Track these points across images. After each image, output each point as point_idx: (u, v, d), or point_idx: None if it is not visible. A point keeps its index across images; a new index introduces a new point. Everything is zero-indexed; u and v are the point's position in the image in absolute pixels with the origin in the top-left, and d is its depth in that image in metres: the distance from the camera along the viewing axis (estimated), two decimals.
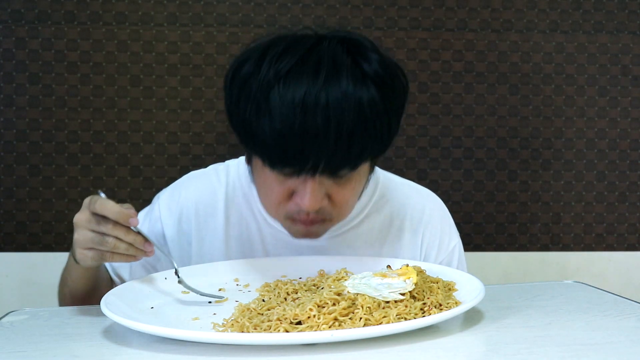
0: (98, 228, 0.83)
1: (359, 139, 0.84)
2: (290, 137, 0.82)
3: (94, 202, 0.83)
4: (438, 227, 1.09)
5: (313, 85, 0.82)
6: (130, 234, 0.84)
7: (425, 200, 1.11)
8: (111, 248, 0.84)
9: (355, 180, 0.91)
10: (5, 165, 1.50)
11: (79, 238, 0.85)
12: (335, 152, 0.83)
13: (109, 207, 0.82)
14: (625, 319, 0.83)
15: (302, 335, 0.72)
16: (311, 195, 0.86)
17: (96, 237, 0.84)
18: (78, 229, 0.85)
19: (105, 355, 0.73)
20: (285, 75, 0.83)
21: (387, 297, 0.78)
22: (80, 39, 1.50)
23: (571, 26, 1.60)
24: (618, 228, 1.63)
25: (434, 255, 1.08)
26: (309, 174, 0.86)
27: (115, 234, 0.83)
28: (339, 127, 0.82)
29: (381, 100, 0.85)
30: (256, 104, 0.85)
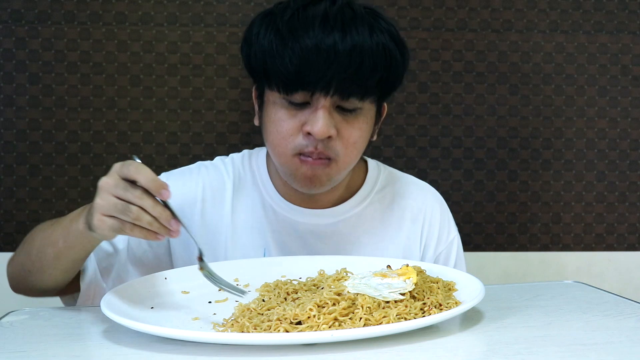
0: (124, 195, 0.78)
1: (369, 65, 0.93)
2: (308, 55, 0.90)
3: (126, 166, 0.78)
4: (437, 219, 1.14)
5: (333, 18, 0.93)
6: (157, 206, 0.78)
7: (425, 194, 1.16)
8: (133, 219, 0.78)
9: (361, 121, 0.98)
10: (5, 165, 1.50)
11: (100, 202, 0.79)
12: (346, 72, 0.91)
13: (143, 171, 0.77)
14: (625, 319, 0.83)
15: (302, 335, 0.72)
16: (322, 121, 0.93)
17: (120, 204, 0.78)
18: (102, 192, 0.79)
19: (105, 355, 0.73)
20: (306, 7, 0.95)
21: (387, 297, 0.78)
22: (80, 39, 1.50)
23: (571, 26, 1.60)
24: (618, 228, 1.63)
25: (434, 245, 1.13)
26: (322, 94, 0.93)
27: (142, 204, 0.78)
28: (352, 50, 0.91)
29: (393, 48, 0.96)
30: (279, 34, 0.94)
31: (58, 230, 0.90)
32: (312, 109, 0.95)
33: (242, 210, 1.09)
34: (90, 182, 1.51)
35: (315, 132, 0.94)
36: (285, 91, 0.95)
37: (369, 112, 1.00)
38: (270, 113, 0.99)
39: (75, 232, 0.87)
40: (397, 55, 0.98)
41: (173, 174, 1.13)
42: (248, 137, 1.54)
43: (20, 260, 0.97)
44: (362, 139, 1.00)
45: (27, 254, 0.95)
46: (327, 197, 1.09)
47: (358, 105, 0.97)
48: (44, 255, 0.91)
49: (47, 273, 0.93)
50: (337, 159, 0.98)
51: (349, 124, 0.97)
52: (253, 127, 1.54)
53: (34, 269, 0.94)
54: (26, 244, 0.97)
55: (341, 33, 0.92)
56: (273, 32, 0.95)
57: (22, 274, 0.97)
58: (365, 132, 1.00)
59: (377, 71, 0.95)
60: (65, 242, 0.89)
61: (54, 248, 0.90)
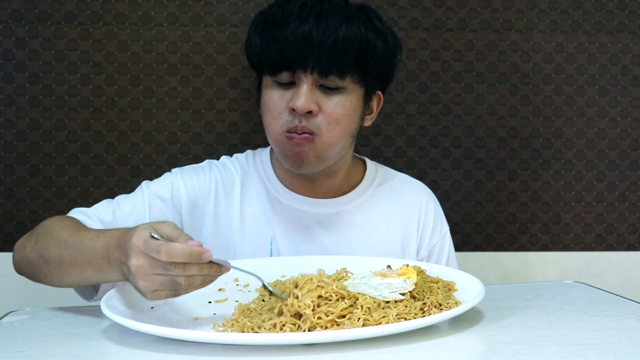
0: (166, 273, 0.76)
1: (342, 45, 1.02)
2: (287, 40, 1.02)
3: (153, 249, 0.76)
4: (432, 213, 1.24)
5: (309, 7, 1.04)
6: (204, 267, 0.78)
7: (420, 190, 1.26)
8: (187, 289, 0.78)
9: (344, 99, 1.07)
10: (5, 165, 1.50)
11: (146, 285, 0.77)
12: (320, 50, 1.01)
13: (177, 252, 0.75)
14: (626, 319, 0.83)
15: (302, 335, 0.72)
16: (304, 96, 1.03)
17: (166, 282, 0.77)
18: (142, 276, 0.77)
19: (105, 355, 0.73)
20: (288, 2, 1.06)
21: (387, 297, 0.78)
22: (80, 39, 1.50)
23: (571, 26, 1.60)
24: (618, 228, 1.63)
25: (429, 236, 1.22)
26: (301, 72, 1.03)
27: (189, 273, 0.77)
28: (325, 32, 1.02)
29: (372, 37, 1.06)
30: (265, 26, 1.06)
31: (82, 260, 0.88)
32: (296, 87, 1.05)
33: (249, 203, 1.17)
34: (90, 182, 1.51)
35: (296, 106, 1.03)
36: (272, 73, 1.06)
37: (354, 93, 1.08)
38: (264, 96, 1.10)
39: (107, 270, 0.85)
40: (376, 43, 1.07)
41: (186, 170, 1.19)
42: (248, 137, 1.54)
43: (33, 260, 0.96)
44: (346, 117, 1.08)
45: (44, 261, 0.94)
46: (327, 187, 1.17)
47: (340, 84, 1.05)
48: (67, 272, 0.91)
49: (67, 283, 0.94)
50: (321, 134, 1.06)
51: (330, 101, 1.06)
52: (253, 127, 1.54)
53: (52, 276, 0.94)
54: (40, 246, 0.95)
55: (315, 20, 1.02)
56: (261, 26, 1.08)
57: (35, 272, 0.97)
58: (350, 110, 1.08)
59: (352, 51, 1.04)
60: (96, 275, 0.88)
61: (81, 274, 0.89)
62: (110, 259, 0.84)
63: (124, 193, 1.32)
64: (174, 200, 1.13)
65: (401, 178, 1.27)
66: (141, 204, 1.11)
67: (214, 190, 1.16)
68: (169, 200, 1.13)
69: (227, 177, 1.19)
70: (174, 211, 1.13)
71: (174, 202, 1.13)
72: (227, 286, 0.96)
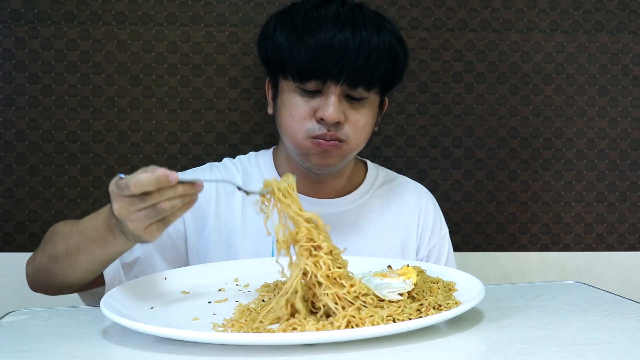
0: (145, 205, 0.79)
1: (376, 59, 1.04)
2: (321, 49, 1.01)
3: (124, 187, 0.79)
4: (431, 214, 1.26)
5: (343, 17, 1.04)
6: (177, 188, 0.80)
7: (420, 192, 1.28)
8: (170, 210, 0.80)
9: (367, 109, 1.09)
10: (4, 165, 1.50)
11: (134, 225, 0.80)
12: (355, 63, 1.02)
13: (144, 181, 0.78)
14: (626, 319, 0.83)
15: (302, 335, 0.72)
16: (333, 107, 1.04)
17: (150, 212, 0.80)
18: (126, 219, 0.80)
19: (105, 355, 0.73)
20: (319, 7, 1.05)
21: (386, 297, 0.78)
22: (80, 39, 1.50)
23: (571, 26, 1.60)
24: (618, 228, 1.63)
25: (427, 238, 1.24)
26: (332, 83, 1.04)
27: (166, 197, 0.79)
28: (361, 45, 1.02)
29: (397, 46, 1.08)
30: (295, 30, 1.05)
31: (87, 241, 0.91)
32: (323, 97, 1.06)
33: (250, 204, 1.17)
34: (90, 182, 1.51)
35: (326, 117, 1.04)
36: (300, 80, 1.05)
37: (374, 102, 1.12)
38: (285, 99, 1.09)
39: (113, 241, 0.88)
40: (400, 53, 1.10)
41: (186, 174, 1.20)
42: (248, 137, 1.54)
43: (44, 264, 0.98)
44: (369, 125, 1.11)
45: (54, 260, 0.96)
46: (331, 187, 1.20)
47: (365, 95, 1.08)
48: (76, 261, 0.93)
49: (79, 275, 0.95)
50: (348, 141, 1.08)
51: (356, 111, 1.08)
52: (253, 127, 1.54)
53: (63, 273, 0.95)
54: (48, 248, 0.98)
55: (351, 31, 1.03)
56: (289, 29, 1.06)
57: (47, 276, 0.98)
58: (371, 119, 1.11)
59: (383, 64, 1.06)
60: (103, 250, 0.90)
61: (89, 256, 0.91)
62: (111, 227, 0.87)
63: None
64: None
65: (401, 180, 1.29)
66: None
67: (215, 191, 1.17)
68: None
69: (228, 177, 1.20)
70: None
71: None
72: (227, 286, 0.96)
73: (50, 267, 0.97)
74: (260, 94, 1.53)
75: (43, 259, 0.98)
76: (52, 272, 0.97)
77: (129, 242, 0.87)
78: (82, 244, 0.91)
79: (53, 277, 0.97)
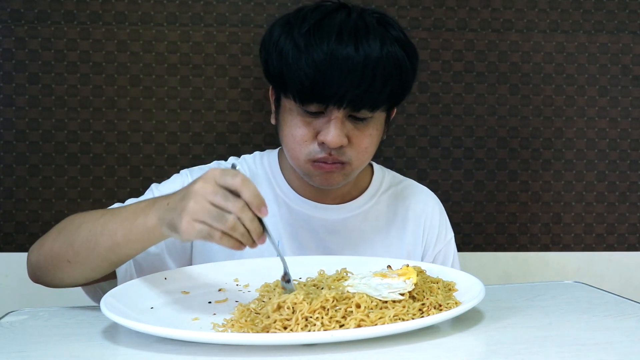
0: (224, 204, 0.77)
1: (381, 79, 0.98)
2: (323, 67, 0.96)
3: (230, 176, 0.78)
4: (437, 220, 1.23)
5: (347, 31, 0.98)
6: (255, 221, 0.78)
7: (426, 196, 1.25)
8: (229, 228, 0.77)
9: (372, 127, 1.05)
10: (4, 165, 1.50)
11: (195, 207, 0.77)
12: (359, 87, 0.97)
13: (249, 185, 0.77)
14: (626, 319, 0.83)
15: (302, 335, 0.72)
16: (335, 132, 0.99)
17: (215, 212, 0.77)
18: (197, 197, 0.77)
19: (105, 355, 0.73)
20: (322, 19, 0.99)
21: (386, 297, 0.78)
22: (80, 39, 1.50)
23: (571, 26, 1.60)
24: (618, 228, 1.63)
25: (434, 243, 1.22)
26: (335, 107, 0.99)
27: (241, 216, 0.77)
28: (365, 64, 0.96)
29: (403, 58, 1.02)
30: (296, 45, 0.98)
31: (116, 223, 0.88)
32: (325, 119, 1.01)
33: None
34: (90, 182, 1.51)
35: (328, 141, 1.00)
36: (300, 101, 1.00)
37: (379, 119, 1.07)
38: (287, 118, 1.05)
39: (142, 228, 0.85)
40: (406, 64, 1.03)
41: (194, 170, 1.17)
42: (248, 137, 1.54)
43: (55, 250, 0.94)
44: (373, 144, 1.07)
45: (69, 244, 0.92)
46: (336, 193, 1.17)
47: (369, 115, 1.03)
48: (94, 246, 0.89)
49: (93, 264, 0.92)
50: (351, 163, 1.05)
51: (360, 132, 1.04)
52: (253, 127, 1.54)
53: (77, 259, 0.92)
54: (65, 233, 0.94)
55: (354, 46, 0.97)
56: (290, 43, 1.00)
57: (56, 263, 0.94)
58: (376, 137, 1.07)
59: (388, 85, 1.00)
60: (126, 236, 0.87)
61: (110, 240, 0.88)
62: (152, 205, 0.84)
63: (123, 193, 1.32)
64: None
65: (407, 183, 1.26)
66: None
67: None
68: None
69: None
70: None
71: None
72: (227, 286, 0.96)
73: (63, 253, 0.93)
74: (261, 94, 1.53)
75: (54, 245, 0.94)
76: (62, 259, 0.93)
77: (156, 227, 0.83)
78: (109, 225, 0.88)
79: (62, 265, 0.93)
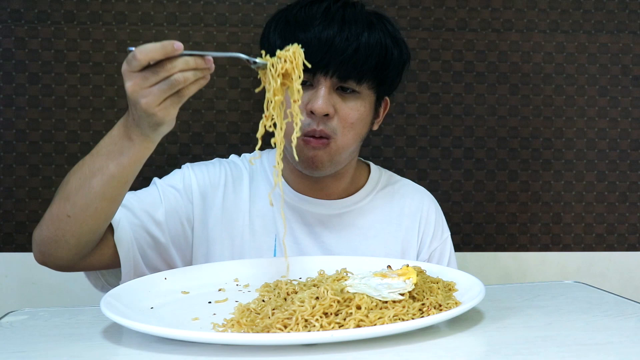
0: (158, 77, 0.80)
1: (364, 52, 1.05)
2: (309, 45, 0.99)
3: (133, 59, 0.79)
4: (433, 218, 1.25)
5: (333, 12, 1.06)
6: (188, 60, 0.81)
7: (422, 195, 1.28)
8: (183, 82, 0.80)
9: (359, 104, 1.09)
10: (4, 165, 1.50)
11: (147, 102, 0.80)
12: (343, 56, 1.03)
13: (149, 47, 0.79)
14: (626, 320, 0.83)
15: (302, 335, 0.72)
16: (322, 99, 1.05)
17: (163, 85, 0.80)
18: (139, 97, 0.80)
19: (105, 355, 0.73)
20: (313, 2, 1.08)
21: (386, 297, 0.78)
22: (80, 39, 1.50)
23: (571, 26, 1.60)
24: (618, 228, 1.63)
25: (429, 241, 1.23)
26: (321, 75, 1.05)
27: (178, 68, 0.80)
28: (348, 39, 1.04)
29: (390, 44, 1.09)
30: (287, 25, 1.08)
31: (101, 160, 0.90)
32: (314, 90, 1.07)
33: (258, 200, 1.18)
34: None
35: (315, 108, 1.05)
36: None
37: (367, 98, 1.11)
38: None
39: (133, 151, 0.88)
40: (393, 52, 1.11)
41: (196, 164, 1.21)
42: (248, 137, 1.54)
43: (54, 212, 0.95)
44: (360, 122, 1.11)
45: (65, 199, 0.93)
46: (333, 189, 1.20)
47: (356, 88, 1.08)
48: (88, 190, 0.91)
49: (92, 208, 0.93)
50: (336, 138, 1.08)
51: (346, 105, 1.08)
52: (253, 127, 1.54)
53: (75, 209, 0.93)
54: (59, 194, 0.96)
55: (339, 27, 1.05)
56: (282, 25, 1.09)
57: (57, 225, 0.95)
58: (363, 115, 1.11)
59: (372, 58, 1.07)
60: (120, 164, 0.89)
61: (105, 176, 0.90)
62: (127, 129, 0.87)
63: None
64: (186, 190, 1.15)
65: (404, 182, 1.29)
66: (156, 192, 1.13)
67: (223, 183, 1.18)
68: (181, 190, 1.15)
69: (236, 172, 1.21)
70: (187, 200, 1.14)
71: (186, 192, 1.15)
72: (227, 286, 0.96)
73: (61, 210, 0.93)
74: (261, 94, 1.53)
75: (52, 208, 0.95)
76: (62, 217, 0.93)
77: (145, 143, 0.87)
78: (96, 165, 0.90)
79: (63, 225, 0.94)
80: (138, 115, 0.84)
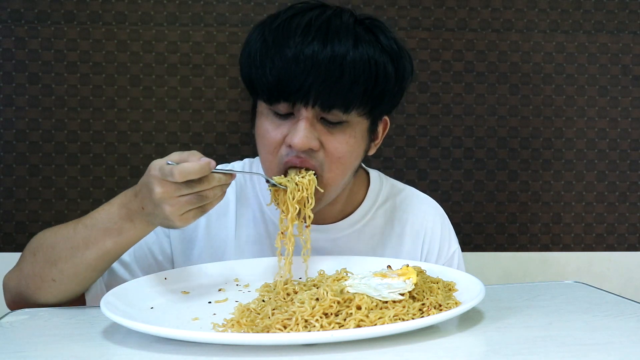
0: (192, 191, 0.81)
1: (350, 76, 0.90)
2: (288, 65, 0.90)
3: (168, 174, 0.79)
4: (438, 234, 1.13)
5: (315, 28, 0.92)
6: (219, 177, 0.82)
7: (427, 207, 1.15)
8: (212, 198, 0.82)
9: (348, 134, 0.95)
10: (5, 165, 1.50)
11: (172, 210, 0.81)
12: (324, 82, 0.89)
13: (189, 170, 0.79)
14: (626, 320, 0.83)
15: (302, 335, 0.72)
16: (302, 132, 0.91)
17: (193, 199, 0.81)
18: (166, 202, 0.81)
19: (105, 355, 0.73)
20: (293, 17, 0.94)
21: (386, 297, 0.78)
22: (80, 39, 1.50)
23: (571, 26, 1.60)
24: (618, 228, 1.63)
25: (434, 260, 1.12)
26: (302, 105, 0.91)
27: (211, 187, 0.81)
28: (331, 59, 0.89)
29: (384, 60, 0.94)
30: (264, 42, 0.94)
31: (98, 235, 0.89)
32: (294, 120, 0.93)
33: (245, 225, 1.08)
34: (90, 182, 1.51)
35: (294, 143, 0.92)
36: (268, 101, 0.94)
37: (358, 126, 0.96)
38: (259, 124, 0.98)
39: (133, 233, 0.88)
40: (388, 68, 0.95)
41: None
42: (248, 137, 1.54)
43: (37, 271, 0.93)
44: (350, 155, 0.96)
45: (51, 264, 0.91)
46: (327, 213, 1.06)
47: (343, 118, 0.93)
48: (80, 260, 0.90)
49: (81, 276, 0.92)
50: (322, 172, 0.95)
51: (333, 137, 0.94)
52: None
53: (62, 276, 0.91)
54: (41, 254, 0.93)
55: (322, 43, 0.90)
56: (260, 42, 0.95)
57: (40, 285, 0.92)
58: (354, 146, 0.96)
59: (359, 83, 0.91)
60: (117, 243, 0.89)
61: (99, 251, 0.89)
62: (131, 213, 0.86)
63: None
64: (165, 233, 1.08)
65: (407, 194, 1.15)
66: None
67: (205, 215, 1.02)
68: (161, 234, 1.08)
69: (240, 184, 1.11)
70: (162, 233, 1.08)
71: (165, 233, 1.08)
72: (227, 286, 0.96)
73: (46, 273, 0.91)
74: None
75: (35, 267, 0.93)
76: (46, 279, 0.92)
77: (148, 228, 0.88)
78: (91, 238, 0.89)
79: (46, 286, 0.92)
80: (155, 215, 0.83)
